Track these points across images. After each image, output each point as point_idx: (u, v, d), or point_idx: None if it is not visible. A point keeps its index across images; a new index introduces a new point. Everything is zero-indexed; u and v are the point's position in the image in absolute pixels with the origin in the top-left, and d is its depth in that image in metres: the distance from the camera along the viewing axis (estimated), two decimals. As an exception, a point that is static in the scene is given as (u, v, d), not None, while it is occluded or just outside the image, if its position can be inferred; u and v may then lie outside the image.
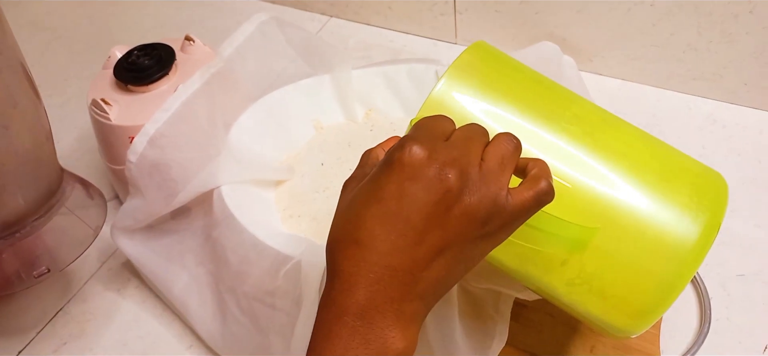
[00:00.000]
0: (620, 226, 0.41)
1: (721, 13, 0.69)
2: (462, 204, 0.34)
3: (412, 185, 0.34)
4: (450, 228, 0.34)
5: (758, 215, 0.63)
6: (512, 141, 0.37)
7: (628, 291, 0.42)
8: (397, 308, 0.33)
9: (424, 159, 0.34)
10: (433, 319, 0.49)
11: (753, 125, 0.72)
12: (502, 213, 0.35)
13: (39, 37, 1.04)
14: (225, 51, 0.62)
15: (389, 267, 0.33)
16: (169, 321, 0.62)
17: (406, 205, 0.34)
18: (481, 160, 0.35)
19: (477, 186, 0.34)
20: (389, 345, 0.33)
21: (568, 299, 0.44)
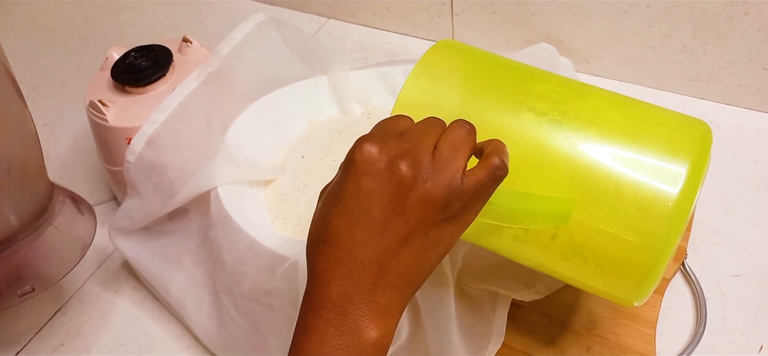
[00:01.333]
0: (598, 193, 0.41)
1: (716, 14, 0.69)
2: (418, 192, 0.35)
3: (366, 180, 0.35)
4: (410, 215, 0.35)
5: (754, 215, 0.63)
6: (464, 126, 0.38)
7: (620, 256, 0.42)
8: (370, 299, 0.35)
9: (376, 154, 0.36)
10: (431, 320, 0.50)
11: (748, 126, 0.72)
12: (460, 195, 0.36)
13: (35, 37, 1.04)
14: (222, 50, 0.63)
15: (357, 261, 0.35)
16: (167, 322, 0.62)
17: (364, 200, 0.35)
18: (434, 149, 0.37)
19: (430, 172, 0.36)
20: (363, 335, 0.34)
21: (569, 273, 0.45)
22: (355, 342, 0.34)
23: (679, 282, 0.59)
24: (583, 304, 0.57)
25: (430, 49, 0.49)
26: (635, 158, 0.42)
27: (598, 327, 0.55)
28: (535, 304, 0.57)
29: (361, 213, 0.35)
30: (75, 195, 0.59)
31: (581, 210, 0.41)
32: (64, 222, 0.56)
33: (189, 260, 0.61)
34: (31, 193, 0.54)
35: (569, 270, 0.44)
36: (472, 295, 0.52)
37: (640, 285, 0.42)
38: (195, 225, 0.61)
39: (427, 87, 0.46)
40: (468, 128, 0.38)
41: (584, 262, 0.43)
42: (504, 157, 0.38)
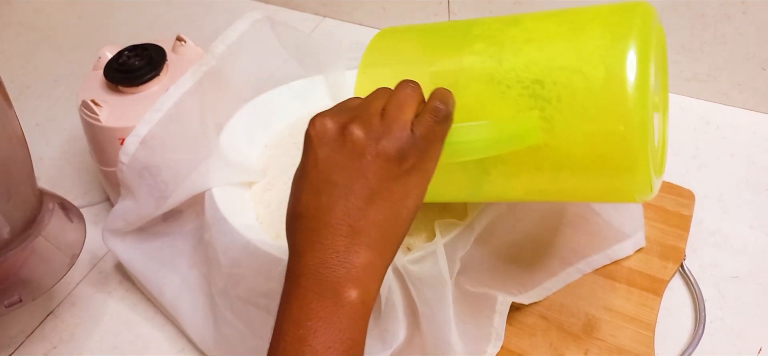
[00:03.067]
0: (555, 101, 0.41)
1: (714, 14, 0.69)
2: (372, 150, 0.37)
3: (322, 150, 0.38)
4: (370, 174, 0.37)
5: (752, 216, 0.63)
6: (408, 84, 0.40)
7: (601, 156, 0.42)
8: (345, 260, 0.36)
9: (328, 124, 0.38)
10: (430, 322, 0.49)
11: (746, 126, 0.72)
12: (413, 145, 0.38)
13: (27, 37, 1.03)
14: (217, 48, 0.62)
15: (328, 227, 0.36)
16: (161, 325, 0.61)
17: (323, 169, 0.37)
18: (384, 110, 0.39)
19: (381, 130, 0.38)
20: (342, 296, 0.35)
21: (568, 189, 0.45)
22: (334, 303, 0.35)
23: (677, 284, 0.59)
24: (582, 307, 0.56)
25: (373, 39, 0.51)
26: (578, 57, 0.42)
27: (596, 329, 0.55)
28: (534, 307, 0.56)
29: (323, 182, 0.37)
30: (64, 201, 0.58)
31: (547, 123, 0.42)
32: (53, 230, 0.55)
33: (183, 262, 0.60)
34: (19, 201, 0.53)
35: (563, 185, 0.44)
36: (471, 298, 0.52)
37: (636, 177, 0.42)
38: (189, 226, 0.61)
39: (378, 69, 0.48)
40: (412, 85, 0.40)
41: (572, 174, 0.43)
42: (445, 99, 0.40)
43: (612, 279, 0.58)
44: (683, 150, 0.70)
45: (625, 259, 0.59)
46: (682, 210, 0.62)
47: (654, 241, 0.60)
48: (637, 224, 0.59)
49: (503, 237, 0.54)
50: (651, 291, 0.57)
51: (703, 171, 0.68)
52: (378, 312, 0.49)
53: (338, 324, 0.35)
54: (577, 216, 0.57)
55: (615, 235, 0.58)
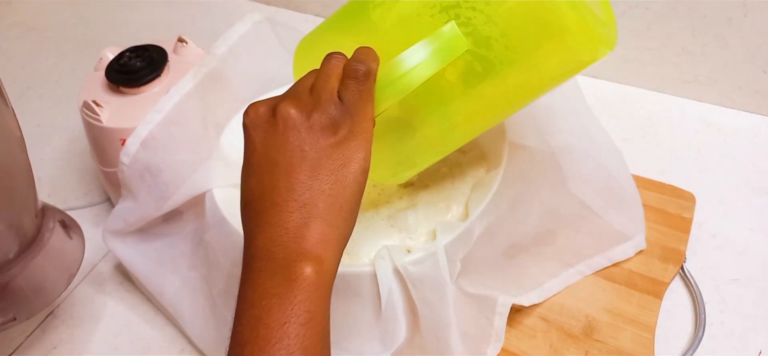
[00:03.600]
0: (464, 3, 0.42)
1: (715, 16, 0.69)
2: (305, 124, 0.38)
3: (257, 133, 0.39)
4: (306, 147, 0.38)
5: (752, 219, 0.63)
6: (333, 56, 0.41)
7: (532, 26, 0.41)
8: (296, 235, 0.36)
9: (259, 108, 0.39)
10: (429, 324, 0.49)
11: (747, 129, 0.72)
12: (345, 110, 0.39)
13: (28, 37, 1.03)
14: (218, 49, 0.62)
15: (273, 205, 0.37)
16: (161, 325, 0.61)
17: (261, 151, 0.38)
18: (312, 85, 0.40)
19: (311, 104, 0.39)
20: (295, 271, 0.35)
21: (526, 82, 0.45)
22: (287, 279, 0.35)
23: (677, 286, 0.58)
24: (582, 308, 0.56)
25: (295, 53, 0.52)
26: None
27: (596, 331, 0.55)
28: (534, 308, 0.56)
29: (263, 164, 0.38)
30: (65, 218, 0.58)
31: (466, 24, 0.42)
32: (53, 249, 0.54)
33: (184, 263, 0.60)
34: (22, 208, 0.52)
35: (524, 72, 0.44)
36: (472, 299, 0.52)
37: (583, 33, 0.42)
38: (190, 227, 0.61)
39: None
40: (336, 56, 0.41)
41: (524, 54, 0.43)
42: (363, 56, 0.40)
43: (612, 281, 0.58)
44: (684, 152, 0.70)
45: (625, 261, 0.59)
46: (682, 213, 0.62)
47: (654, 243, 0.60)
48: (638, 226, 0.59)
49: (503, 238, 0.54)
50: (651, 293, 0.57)
51: (703, 173, 0.68)
52: (378, 313, 0.49)
53: (292, 298, 0.34)
54: (577, 217, 0.57)
55: (615, 237, 0.58)
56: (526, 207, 0.55)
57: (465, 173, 0.58)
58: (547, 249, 0.57)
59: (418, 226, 0.54)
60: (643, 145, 0.72)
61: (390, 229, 0.55)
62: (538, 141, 0.56)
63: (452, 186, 0.57)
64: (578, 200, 0.56)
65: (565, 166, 0.55)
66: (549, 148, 0.55)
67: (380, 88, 0.41)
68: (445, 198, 0.56)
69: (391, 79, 0.41)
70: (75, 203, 0.74)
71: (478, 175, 0.58)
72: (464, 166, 0.58)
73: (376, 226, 0.55)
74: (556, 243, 0.57)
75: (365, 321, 0.50)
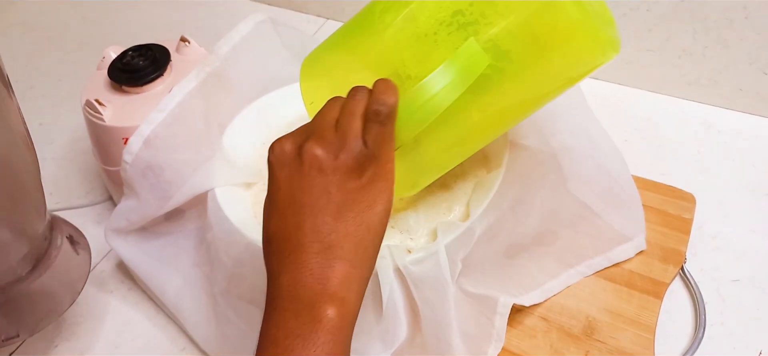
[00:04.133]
0: (481, 19, 0.42)
1: (716, 18, 0.69)
2: (331, 165, 0.38)
3: (283, 172, 0.38)
4: (333, 189, 0.37)
5: (753, 220, 0.63)
6: (357, 92, 0.40)
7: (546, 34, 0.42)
8: (320, 276, 0.36)
9: (285, 146, 0.39)
10: (431, 323, 0.49)
11: (748, 130, 0.72)
12: (370, 154, 0.38)
13: (31, 36, 1.04)
14: (220, 49, 0.62)
15: (299, 246, 0.37)
16: (163, 324, 0.62)
17: (286, 191, 0.38)
18: (337, 122, 0.39)
19: (337, 145, 0.38)
20: (319, 312, 0.35)
21: (543, 80, 0.45)
22: (311, 320, 0.35)
23: (678, 287, 0.59)
24: (583, 309, 0.56)
25: (301, 70, 0.51)
26: None
27: (597, 331, 0.55)
28: (534, 308, 0.56)
29: (289, 204, 0.38)
30: (73, 232, 0.58)
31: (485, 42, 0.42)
32: (59, 267, 0.54)
33: (186, 261, 0.60)
34: (27, 212, 0.51)
35: (541, 80, 0.44)
36: (472, 299, 0.52)
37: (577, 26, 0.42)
38: (192, 226, 0.61)
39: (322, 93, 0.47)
40: (360, 92, 0.40)
41: (535, 69, 0.43)
42: (383, 96, 0.39)
43: (612, 282, 0.58)
44: (685, 153, 0.70)
45: (625, 262, 0.59)
46: (683, 214, 0.62)
47: (655, 244, 0.60)
48: (638, 227, 0.60)
49: (504, 238, 0.54)
50: (651, 293, 0.57)
51: (704, 174, 0.68)
52: (379, 313, 0.50)
53: (315, 339, 0.35)
54: (578, 218, 0.57)
55: (616, 238, 0.59)
56: (527, 207, 0.55)
57: (466, 173, 0.58)
58: (547, 249, 0.57)
59: (419, 227, 0.54)
60: (644, 146, 0.72)
61: (390, 230, 0.55)
62: (539, 141, 0.56)
63: (453, 187, 0.57)
64: (579, 201, 0.56)
65: (566, 167, 0.55)
66: (550, 149, 0.55)
67: (405, 117, 0.40)
68: (447, 199, 0.56)
69: (417, 107, 0.40)
70: (77, 202, 0.75)
71: (479, 175, 0.58)
72: (465, 166, 0.58)
73: (377, 226, 0.55)
74: (557, 244, 0.57)
75: (366, 320, 0.50)
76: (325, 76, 0.46)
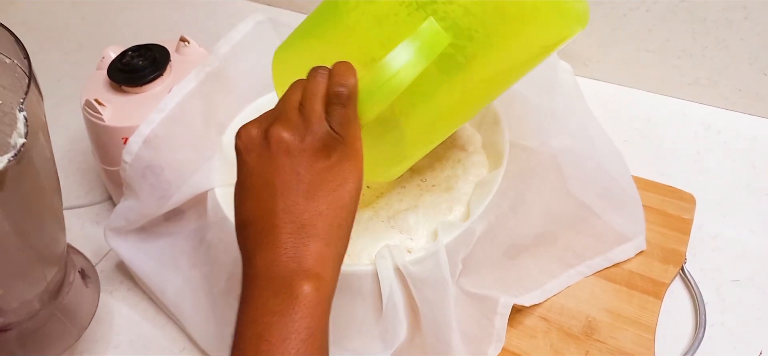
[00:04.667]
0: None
1: (715, 19, 0.69)
2: (298, 147, 0.38)
3: (251, 157, 0.39)
4: (302, 170, 0.38)
5: (752, 221, 0.63)
6: (317, 72, 0.41)
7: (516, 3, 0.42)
8: (294, 255, 0.36)
9: (251, 131, 0.39)
10: (430, 323, 0.49)
11: (747, 131, 0.72)
12: (335, 136, 0.39)
13: (31, 36, 1.04)
14: (220, 49, 0.62)
15: (273, 228, 0.37)
16: (163, 324, 0.62)
17: (257, 174, 0.38)
18: (300, 104, 0.39)
19: (302, 127, 0.38)
20: (295, 289, 0.36)
21: (509, 57, 0.45)
22: (288, 297, 0.35)
23: (678, 287, 0.59)
24: (583, 309, 0.56)
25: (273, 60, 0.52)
26: None
27: (597, 331, 0.55)
28: (534, 308, 0.56)
29: (260, 187, 0.38)
30: (85, 266, 0.58)
31: (444, 19, 0.42)
32: (69, 304, 0.55)
33: (185, 262, 0.60)
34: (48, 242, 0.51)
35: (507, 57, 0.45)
36: (473, 299, 0.52)
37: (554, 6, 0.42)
38: (191, 226, 0.61)
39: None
40: (320, 72, 0.40)
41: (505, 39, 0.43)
42: (343, 77, 0.40)
43: (613, 282, 0.58)
44: (684, 154, 0.71)
45: (625, 262, 0.59)
46: (682, 214, 0.62)
47: (655, 244, 0.60)
48: (638, 227, 0.60)
49: (504, 238, 0.54)
50: (651, 293, 0.57)
51: (704, 175, 0.68)
52: (379, 312, 0.50)
53: (293, 315, 0.35)
54: (578, 218, 0.57)
55: (616, 238, 0.59)
56: (527, 207, 0.55)
57: (467, 173, 0.58)
58: (547, 249, 0.57)
59: (419, 227, 0.54)
60: (644, 147, 0.72)
61: (390, 231, 0.55)
62: (539, 142, 0.56)
63: (454, 187, 0.57)
64: (579, 201, 0.56)
65: (566, 168, 0.55)
66: (550, 150, 0.55)
67: (367, 96, 0.40)
68: (447, 199, 0.56)
69: (378, 86, 0.40)
70: (76, 201, 0.75)
71: (480, 175, 0.58)
72: (466, 167, 0.58)
73: (376, 228, 0.55)
74: (557, 244, 0.57)
75: (366, 320, 0.50)
76: (295, 62, 0.47)
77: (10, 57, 0.50)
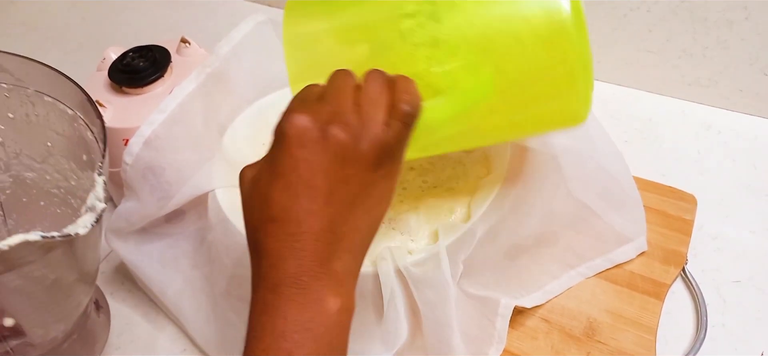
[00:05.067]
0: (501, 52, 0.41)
1: (716, 19, 0.69)
2: (353, 155, 0.36)
3: (302, 151, 0.35)
4: (352, 180, 0.36)
5: (753, 221, 0.63)
6: (378, 78, 0.38)
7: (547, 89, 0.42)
8: (328, 267, 0.35)
9: (307, 123, 0.35)
10: (431, 324, 0.49)
11: (747, 131, 0.72)
12: (390, 150, 0.37)
13: (31, 37, 1.04)
14: (221, 50, 0.62)
15: (310, 233, 0.35)
16: (163, 325, 0.62)
17: (304, 172, 0.35)
18: (356, 105, 0.37)
19: (360, 132, 0.36)
20: (326, 306, 0.34)
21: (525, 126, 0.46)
22: (319, 314, 0.34)
23: (679, 287, 0.59)
24: (584, 310, 0.56)
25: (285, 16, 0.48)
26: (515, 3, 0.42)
27: (598, 332, 0.55)
28: (535, 309, 0.56)
29: (304, 186, 0.35)
30: (99, 297, 0.58)
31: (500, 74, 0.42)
32: (85, 334, 0.55)
33: (186, 263, 0.60)
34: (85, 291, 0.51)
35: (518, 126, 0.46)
36: (474, 301, 0.52)
37: (577, 96, 0.43)
38: (192, 227, 0.61)
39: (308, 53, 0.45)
40: (382, 79, 0.38)
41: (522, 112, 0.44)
42: (412, 98, 0.38)
43: (614, 283, 0.58)
44: (685, 154, 0.71)
45: (626, 263, 0.59)
46: (683, 215, 0.62)
47: (656, 245, 0.60)
48: (639, 228, 0.60)
49: (505, 240, 0.54)
50: (653, 294, 0.57)
51: (704, 175, 0.68)
52: (380, 314, 0.50)
53: (323, 334, 0.34)
54: (578, 219, 0.57)
55: (617, 239, 0.59)
56: (528, 208, 0.55)
57: (468, 175, 0.58)
58: (548, 250, 0.57)
59: (420, 228, 0.54)
60: (644, 147, 0.72)
61: (391, 232, 0.55)
62: (540, 143, 0.56)
63: (455, 188, 0.57)
64: (580, 202, 0.56)
65: (567, 168, 0.55)
66: (550, 150, 0.55)
67: (423, 129, 0.39)
68: (448, 200, 0.56)
69: (426, 121, 0.39)
70: (77, 203, 0.74)
71: (481, 176, 0.58)
72: (467, 168, 0.58)
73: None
74: (558, 245, 0.57)
75: (367, 321, 0.50)
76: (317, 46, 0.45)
77: (72, 108, 0.51)
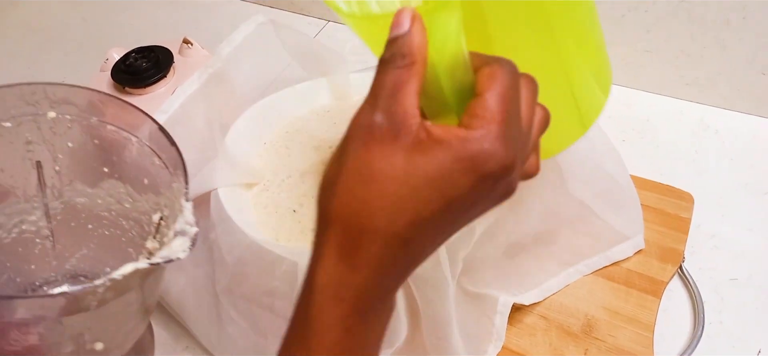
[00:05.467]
0: None
1: (714, 19, 0.70)
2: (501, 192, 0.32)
3: (485, 193, 0.31)
4: (479, 209, 0.32)
5: (750, 220, 0.63)
6: (542, 110, 0.34)
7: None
8: (396, 285, 0.33)
9: (504, 161, 0.30)
10: (430, 322, 0.50)
11: (745, 130, 0.72)
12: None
13: (33, 38, 1.04)
14: (223, 51, 0.63)
15: (406, 244, 0.31)
16: (166, 323, 0.62)
17: (471, 207, 0.31)
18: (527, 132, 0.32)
19: (521, 161, 0.32)
20: (384, 320, 0.34)
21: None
22: (373, 329, 0.33)
23: (676, 285, 0.59)
24: (582, 307, 0.57)
25: None
26: None
27: (596, 329, 0.55)
28: (534, 306, 0.57)
29: (458, 216, 0.31)
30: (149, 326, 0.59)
31: None
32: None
33: (188, 261, 0.60)
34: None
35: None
36: (473, 298, 0.52)
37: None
38: (194, 226, 0.61)
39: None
40: (542, 111, 0.34)
41: None
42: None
43: (611, 280, 0.59)
44: (683, 153, 0.71)
45: (624, 261, 0.60)
46: (681, 213, 0.63)
47: (653, 243, 0.60)
48: (637, 226, 0.60)
49: (504, 238, 0.55)
50: (650, 292, 0.57)
51: (702, 174, 0.68)
52: (380, 311, 0.50)
53: (372, 347, 0.33)
54: (577, 218, 0.58)
55: (614, 237, 0.59)
56: (527, 207, 0.55)
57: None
58: (547, 248, 0.58)
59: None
60: (642, 146, 0.72)
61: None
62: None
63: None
64: (578, 200, 0.57)
65: (565, 167, 0.56)
66: (549, 149, 0.56)
67: None
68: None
69: None
70: (80, 202, 0.75)
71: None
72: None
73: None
74: (556, 243, 0.58)
75: (367, 319, 0.51)
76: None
77: (138, 136, 0.51)
